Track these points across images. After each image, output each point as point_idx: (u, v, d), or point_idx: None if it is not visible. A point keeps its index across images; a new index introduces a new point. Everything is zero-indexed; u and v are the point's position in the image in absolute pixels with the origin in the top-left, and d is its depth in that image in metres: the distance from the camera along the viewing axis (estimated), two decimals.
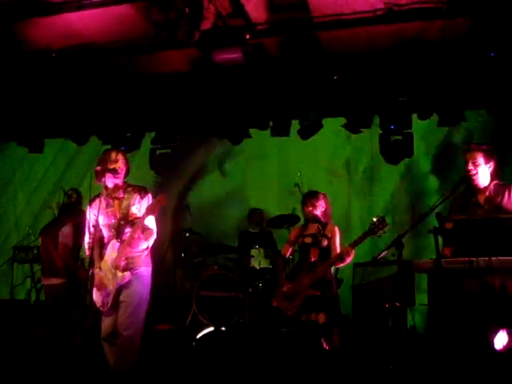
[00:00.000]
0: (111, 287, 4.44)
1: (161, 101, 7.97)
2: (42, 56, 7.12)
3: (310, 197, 5.98)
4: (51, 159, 9.48)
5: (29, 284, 7.88)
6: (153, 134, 8.61)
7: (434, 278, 4.54)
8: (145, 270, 4.61)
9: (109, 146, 7.99)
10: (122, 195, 4.67)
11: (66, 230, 6.09)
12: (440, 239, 4.39)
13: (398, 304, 5.50)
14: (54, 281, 5.98)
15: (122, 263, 4.43)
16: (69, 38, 6.81)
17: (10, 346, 6.10)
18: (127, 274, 4.44)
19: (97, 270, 4.52)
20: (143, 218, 4.44)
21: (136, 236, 4.45)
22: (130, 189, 4.70)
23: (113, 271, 4.45)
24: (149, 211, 4.46)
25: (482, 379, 4.03)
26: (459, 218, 4.40)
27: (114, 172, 4.62)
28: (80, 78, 7.62)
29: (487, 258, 4.11)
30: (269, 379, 4.75)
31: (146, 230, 4.56)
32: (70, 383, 4.59)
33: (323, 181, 8.45)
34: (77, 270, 5.98)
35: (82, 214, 5.65)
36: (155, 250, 4.92)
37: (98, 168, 4.58)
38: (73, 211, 6.30)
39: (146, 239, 4.58)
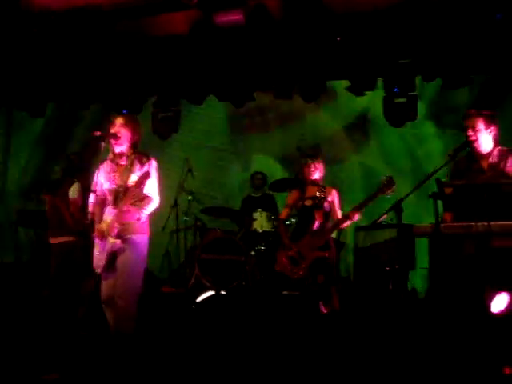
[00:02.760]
0: (104, 251, 4.46)
1: (162, 64, 7.86)
2: (42, 17, 7.04)
3: (312, 159, 5.99)
4: (54, 123, 9.48)
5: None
6: (155, 98, 8.56)
7: (434, 242, 4.55)
8: (140, 237, 4.55)
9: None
10: (125, 162, 4.64)
11: (75, 189, 6.11)
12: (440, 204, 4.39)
13: (397, 267, 5.54)
14: (66, 239, 5.99)
15: (115, 230, 4.41)
16: None
17: (15, 308, 6.20)
18: (118, 241, 4.41)
19: (96, 233, 4.55)
20: (132, 190, 4.41)
21: (125, 208, 4.41)
22: (133, 156, 4.62)
23: (106, 236, 4.46)
24: (136, 184, 4.42)
25: (479, 342, 4.07)
26: (458, 183, 4.38)
27: (114, 137, 4.58)
28: (80, 41, 7.50)
29: (486, 223, 4.10)
30: (265, 342, 4.81)
31: (142, 198, 4.54)
32: (74, 342, 4.67)
33: (324, 145, 8.48)
34: (88, 228, 5.99)
35: (87, 176, 5.62)
36: (158, 215, 4.92)
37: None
38: (78, 173, 6.32)
39: (141, 208, 4.51)
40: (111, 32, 7.37)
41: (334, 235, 6.57)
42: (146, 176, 4.45)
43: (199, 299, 5.66)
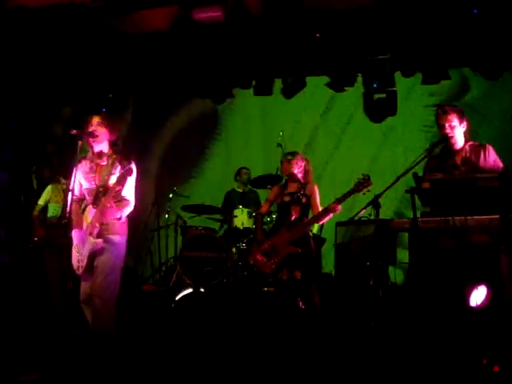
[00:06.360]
0: (85, 252, 4.44)
1: (141, 61, 7.81)
2: (19, 14, 6.95)
3: (288, 155, 6.04)
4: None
5: None
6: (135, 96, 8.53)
7: (413, 237, 4.58)
8: (119, 237, 4.54)
9: None
10: (105, 162, 4.61)
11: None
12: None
13: (380, 263, 5.56)
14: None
15: (96, 230, 4.39)
16: None
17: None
18: (99, 241, 4.40)
19: (75, 232, 4.52)
20: (113, 187, 4.39)
21: (108, 205, 4.38)
22: (114, 156, 4.60)
23: (87, 236, 4.44)
24: (117, 182, 4.39)
25: (458, 335, 4.10)
26: (436, 178, 4.41)
27: (92, 135, 4.54)
28: (59, 39, 7.41)
29: (463, 218, 4.14)
30: (244, 339, 4.81)
31: (120, 200, 4.52)
32: (53, 343, 4.65)
33: (306, 140, 8.49)
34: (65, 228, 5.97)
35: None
36: (139, 212, 4.90)
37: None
38: (58, 173, 6.34)
39: (120, 209, 4.50)
40: (90, 29, 7.30)
41: (314, 231, 6.60)
42: (127, 173, 4.40)
43: (178, 297, 5.65)
